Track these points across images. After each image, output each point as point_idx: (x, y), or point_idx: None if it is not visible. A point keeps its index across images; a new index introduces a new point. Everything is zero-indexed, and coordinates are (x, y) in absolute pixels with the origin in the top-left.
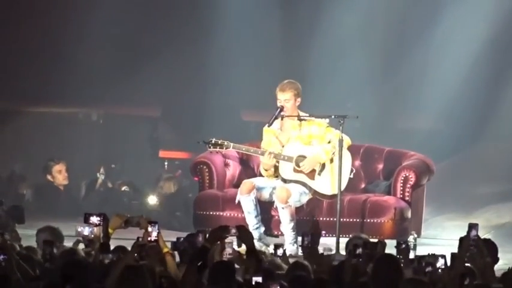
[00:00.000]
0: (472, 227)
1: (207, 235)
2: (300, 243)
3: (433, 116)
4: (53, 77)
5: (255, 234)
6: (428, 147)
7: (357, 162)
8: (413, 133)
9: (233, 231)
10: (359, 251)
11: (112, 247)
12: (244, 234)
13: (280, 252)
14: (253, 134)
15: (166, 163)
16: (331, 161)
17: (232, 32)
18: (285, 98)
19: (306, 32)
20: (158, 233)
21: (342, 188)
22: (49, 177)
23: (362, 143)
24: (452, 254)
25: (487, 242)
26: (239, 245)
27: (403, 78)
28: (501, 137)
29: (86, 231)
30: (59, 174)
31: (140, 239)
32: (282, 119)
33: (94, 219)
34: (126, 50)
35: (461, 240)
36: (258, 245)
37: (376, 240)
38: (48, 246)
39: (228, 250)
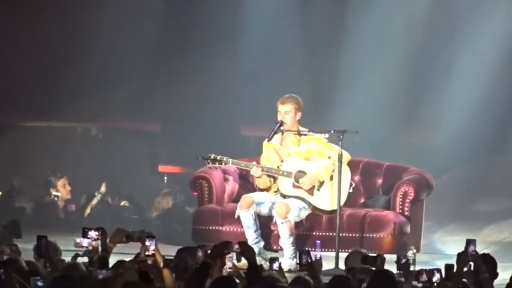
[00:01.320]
0: (470, 242)
1: (209, 251)
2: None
3: (434, 130)
4: (52, 91)
5: (255, 249)
6: (428, 162)
7: (356, 177)
8: (413, 148)
9: (236, 247)
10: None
11: (114, 261)
12: (246, 250)
13: (276, 266)
14: (253, 149)
15: (165, 177)
16: (331, 177)
17: (232, 47)
18: (285, 110)
19: (306, 48)
20: (156, 247)
21: (342, 203)
22: (52, 190)
23: (361, 158)
24: (446, 266)
25: (486, 257)
26: (238, 260)
27: (403, 93)
28: (502, 152)
29: (85, 242)
30: (63, 189)
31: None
32: (282, 134)
33: (92, 234)
34: (127, 64)
35: (459, 255)
36: (257, 259)
37: (375, 254)
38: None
39: (228, 264)
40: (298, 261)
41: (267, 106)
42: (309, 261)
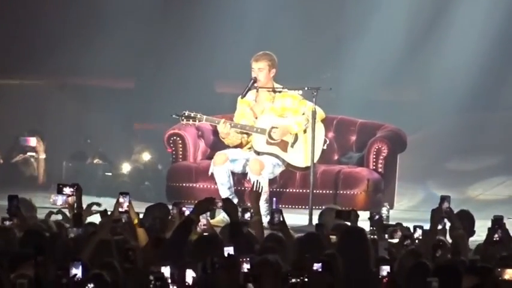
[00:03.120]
0: (444, 198)
1: (193, 207)
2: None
3: (407, 88)
4: (25, 48)
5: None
6: (402, 119)
7: (330, 134)
8: (388, 105)
9: (219, 204)
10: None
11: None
12: (230, 207)
13: (247, 216)
14: (228, 106)
15: (138, 135)
16: (304, 132)
17: (208, 3)
18: (259, 67)
19: (283, 3)
20: (129, 203)
21: (315, 160)
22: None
23: (335, 115)
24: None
25: (464, 213)
26: (212, 217)
27: (378, 50)
28: (477, 109)
29: (60, 200)
30: (39, 147)
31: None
32: (257, 91)
33: (67, 190)
34: (100, 21)
35: (433, 212)
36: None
37: (349, 209)
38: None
39: (202, 221)
40: (269, 220)
41: (242, 63)
42: (281, 219)
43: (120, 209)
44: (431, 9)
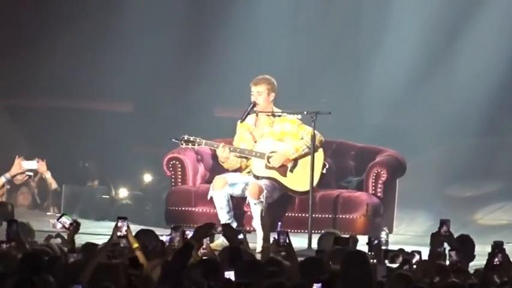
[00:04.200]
0: (444, 222)
1: (193, 232)
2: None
3: (406, 112)
4: (18, 68)
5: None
6: (401, 143)
7: (329, 158)
8: (386, 129)
9: (219, 229)
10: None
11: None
12: (229, 232)
13: (240, 237)
14: (226, 130)
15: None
16: (304, 158)
17: (207, 26)
18: (258, 91)
19: (281, 28)
20: (128, 228)
21: (314, 184)
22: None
23: (334, 139)
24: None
25: (463, 238)
26: (211, 241)
27: (378, 74)
28: (474, 133)
29: (59, 224)
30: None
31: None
32: (256, 115)
33: (66, 222)
34: (98, 42)
35: (433, 235)
36: None
37: (347, 235)
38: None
39: (202, 246)
40: (277, 242)
41: (242, 87)
42: (287, 242)
43: (119, 233)
44: (430, 35)
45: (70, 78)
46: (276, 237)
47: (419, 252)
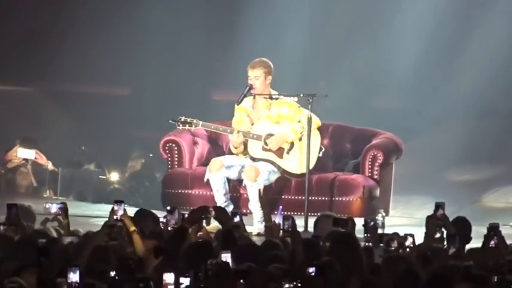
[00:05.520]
0: (439, 206)
1: (187, 215)
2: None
3: (403, 95)
4: (17, 52)
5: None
6: (397, 126)
7: (326, 141)
8: (383, 112)
9: (213, 212)
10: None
11: None
12: (221, 214)
13: (236, 219)
14: (224, 113)
15: (135, 142)
16: (300, 139)
17: (202, 11)
18: (255, 75)
19: (279, 10)
20: (124, 211)
21: (311, 167)
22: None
23: (331, 122)
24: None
25: (460, 220)
26: (207, 224)
27: (375, 57)
28: (473, 116)
29: (54, 208)
30: (40, 159)
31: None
32: (254, 98)
33: (54, 208)
34: (96, 26)
35: (428, 218)
36: None
37: (346, 217)
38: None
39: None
40: (281, 227)
41: (239, 70)
42: (292, 226)
43: (115, 217)
44: (433, 18)
45: (67, 61)
46: (280, 222)
47: (412, 235)
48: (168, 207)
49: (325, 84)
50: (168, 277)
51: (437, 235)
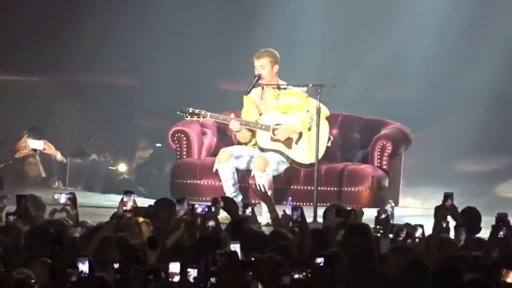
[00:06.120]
0: (448, 196)
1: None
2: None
3: (413, 85)
4: (24, 43)
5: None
6: (406, 116)
7: (335, 131)
8: (392, 102)
9: (221, 203)
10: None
11: None
12: (230, 205)
13: (248, 211)
14: (231, 103)
15: (143, 132)
16: (309, 129)
17: (209, 0)
18: (261, 65)
19: (285, 1)
20: (133, 202)
21: (319, 157)
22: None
23: (340, 112)
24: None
25: (470, 210)
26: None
27: (384, 47)
28: (482, 106)
29: (63, 198)
30: (49, 149)
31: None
32: (262, 88)
33: (62, 198)
34: (103, 16)
35: (437, 209)
36: None
37: (350, 208)
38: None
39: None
40: (290, 217)
41: (247, 60)
42: (301, 218)
43: (124, 208)
44: (443, 8)
45: (75, 52)
46: (289, 212)
47: (422, 226)
48: (177, 198)
49: (334, 74)
50: (174, 267)
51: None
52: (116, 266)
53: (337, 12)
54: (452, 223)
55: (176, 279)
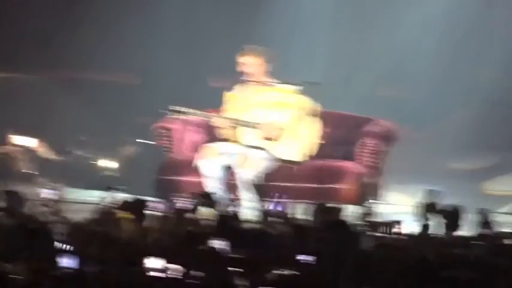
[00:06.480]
0: (432, 193)
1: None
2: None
3: (405, 84)
4: (21, 40)
5: (216, 199)
6: (395, 114)
7: (320, 128)
8: (381, 100)
9: (201, 199)
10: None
11: None
12: (211, 201)
13: (233, 208)
14: (221, 100)
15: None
16: (295, 126)
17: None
18: (246, 62)
19: None
20: (115, 198)
21: (310, 154)
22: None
23: (326, 110)
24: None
25: (453, 207)
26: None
27: (376, 43)
28: (476, 105)
29: (47, 193)
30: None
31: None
32: (246, 85)
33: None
34: (98, 14)
35: (421, 206)
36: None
37: (331, 205)
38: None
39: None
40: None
41: (236, 56)
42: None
43: (106, 203)
44: (440, 11)
45: (69, 48)
46: (272, 207)
47: (399, 222)
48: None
49: (324, 71)
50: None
51: (430, 222)
52: (99, 260)
53: (323, 8)
54: (436, 220)
55: (159, 275)
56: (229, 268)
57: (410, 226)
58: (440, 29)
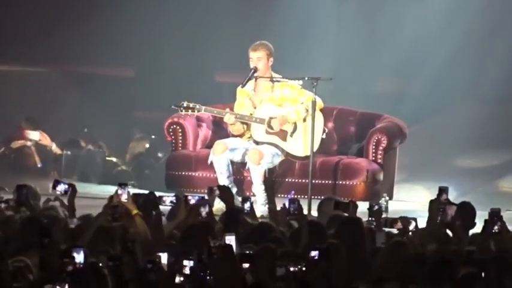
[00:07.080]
0: (443, 190)
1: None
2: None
3: (410, 79)
4: (21, 33)
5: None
6: (402, 110)
7: (330, 124)
8: (387, 96)
9: (217, 192)
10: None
11: None
12: (225, 194)
13: (247, 206)
14: (227, 96)
15: (138, 124)
16: (304, 121)
17: None
18: (257, 57)
19: None
20: (128, 195)
21: (315, 150)
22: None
23: (335, 105)
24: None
25: (465, 205)
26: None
27: (378, 40)
28: (480, 101)
29: (61, 188)
30: (44, 140)
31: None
32: (255, 81)
33: (61, 188)
34: (100, 7)
35: (431, 202)
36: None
37: (347, 201)
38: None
39: (204, 210)
40: (287, 210)
41: (243, 52)
42: (299, 210)
43: (117, 200)
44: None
45: (72, 43)
46: (287, 205)
47: (415, 220)
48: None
49: (330, 67)
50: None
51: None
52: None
53: (329, 3)
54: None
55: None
56: (241, 263)
57: (423, 223)
58: (445, 28)
